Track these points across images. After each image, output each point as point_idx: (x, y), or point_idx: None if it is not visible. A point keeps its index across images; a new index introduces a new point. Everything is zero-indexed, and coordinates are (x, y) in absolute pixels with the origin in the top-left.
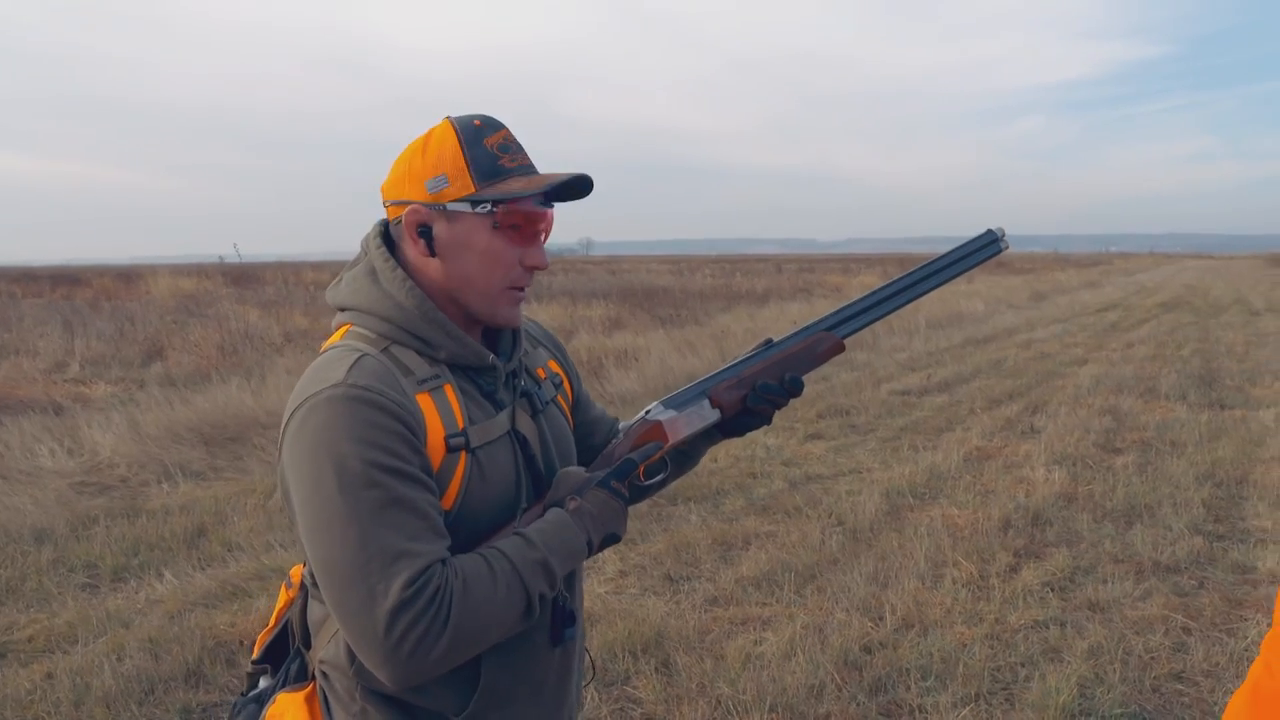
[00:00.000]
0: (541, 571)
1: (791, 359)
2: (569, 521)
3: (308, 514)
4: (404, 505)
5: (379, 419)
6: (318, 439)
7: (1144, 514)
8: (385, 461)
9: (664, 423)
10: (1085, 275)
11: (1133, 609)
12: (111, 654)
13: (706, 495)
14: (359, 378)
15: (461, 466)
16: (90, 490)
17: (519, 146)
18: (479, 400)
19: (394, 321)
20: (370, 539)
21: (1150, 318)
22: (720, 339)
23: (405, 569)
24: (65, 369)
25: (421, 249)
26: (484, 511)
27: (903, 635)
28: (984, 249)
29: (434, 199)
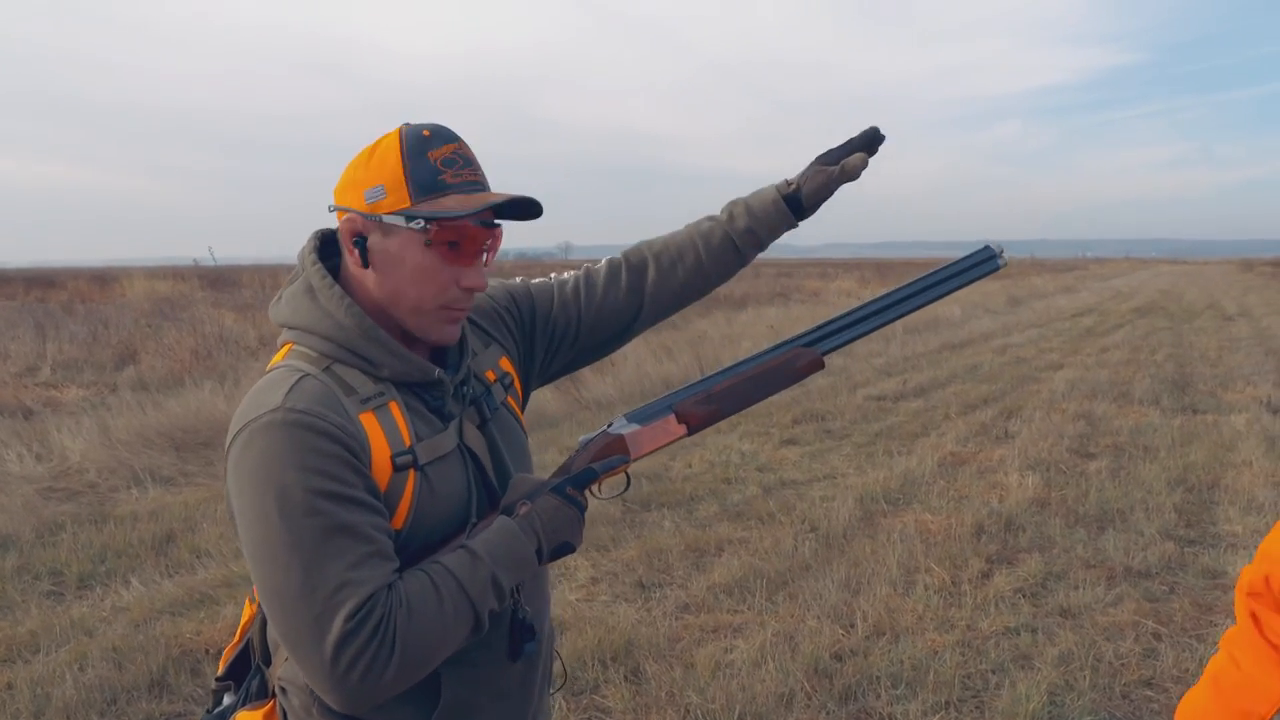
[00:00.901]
0: (489, 587)
1: (766, 374)
2: (516, 530)
3: (251, 542)
4: (347, 532)
5: (319, 444)
6: (258, 467)
7: (1116, 519)
8: (327, 487)
9: (627, 436)
10: (1061, 280)
11: (1104, 615)
12: (74, 663)
13: (680, 501)
14: (298, 401)
15: (410, 485)
16: (58, 496)
17: (468, 161)
18: (426, 416)
19: (335, 340)
20: (313, 569)
21: (1125, 323)
22: (697, 344)
23: (348, 599)
24: (37, 372)
25: (356, 259)
26: (436, 529)
27: (874, 642)
28: (980, 265)
29: (370, 209)
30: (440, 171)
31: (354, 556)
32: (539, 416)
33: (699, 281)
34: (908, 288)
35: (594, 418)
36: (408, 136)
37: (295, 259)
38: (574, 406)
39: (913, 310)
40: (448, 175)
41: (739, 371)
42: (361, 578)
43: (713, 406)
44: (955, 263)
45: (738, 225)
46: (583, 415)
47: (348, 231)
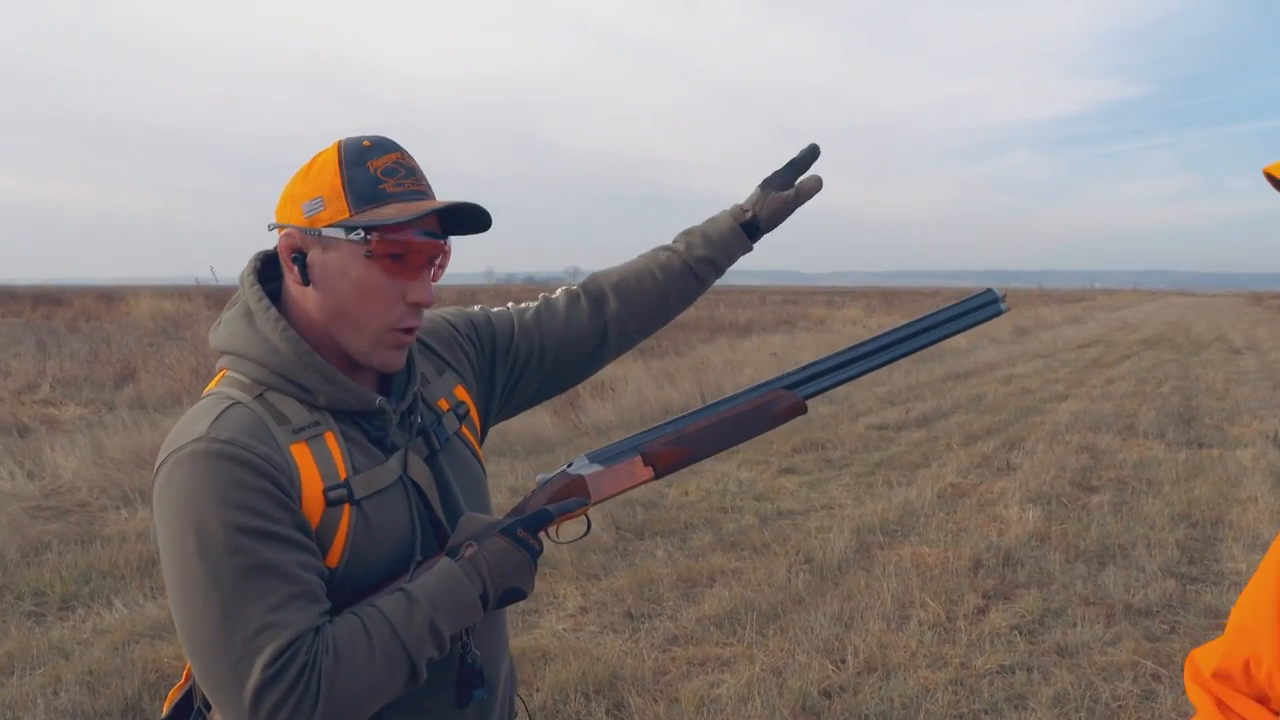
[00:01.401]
0: (427, 634)
1: (742, 417)
2: (459, 573)
3: (171, 580)
4: (269, 571)
5: (241, 476)
6: (178, 500)
7: (1117, 555)
8: (249, 524)
9: (588, 478)
10: (1069, 311)
11: (1102, 654)
12: (47, 687)
13: (674, 530)
14: (222, 430)
15: (345, 521)
16: (46, 514)
17: (410, 171)
18: (366, 447)
19: (269, 366)
20: (232, 610)
21: (1132, 354)
22: (699, 370)
23: (269, 644)
24: (36, 390)
25: (295, 276)
26: (375, 567)
27: (864, 679)
28: (981, 309)
29: (308, 223)
30: (380, 181)
31: (276, 598)
32: (535, 441)
33: (660, 310)
34: (903, 329)
35: (592, 442)
36: (346, 148)
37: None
38: (572, 432)
39: (907, 354)
40: (389, 184)
41: (713, 413)
42: (284, 620)
43: (683, 449)
44: (955, 305)
45: (696, 254)
46: (581, 440)
47: (286, 248)
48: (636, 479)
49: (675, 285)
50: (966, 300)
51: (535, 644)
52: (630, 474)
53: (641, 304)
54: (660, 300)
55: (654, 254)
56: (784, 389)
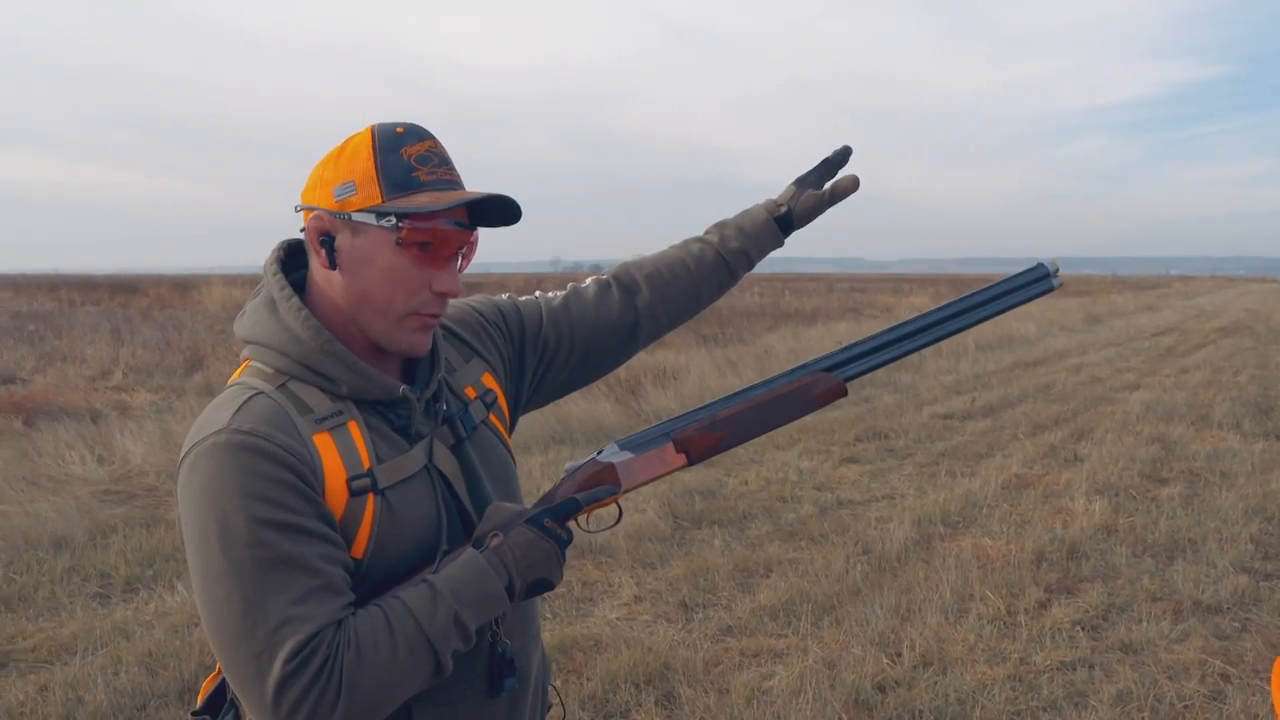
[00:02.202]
0: (451, 627)
1: (779, 401)
2: (484, 565)
3: (194, 572)
4: (291, 564)
5: (264, 468)
6: (200, 492)
7: (1187, 549)
8: (271, 516)
9: (618, 465)
10: (1143, 298)
11: (1168, 652)
12: (108, 667)
13: (732, 519)
14: (244, 421)
15: (369, 511)
16: (114, 499)
17: (443, 160)
18: (390, 436)
19: (292, 355)
20: (254, 604)
21: (1208, 342)
22: (763, 359)
23: (290, 638)
24: (110, 376)
25: (322, 259)
26: (401, 557)
27: (920, 674)
28: (1031, 285)
29: (339, 207)
30: (414, 168)
31: (298, 591)
32: (596, 428)
33: (691, 300)
34: (948, 308)
35: None
36: (379, 133)
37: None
38: (634, 419)
39: (952, 333)
40: (421, 172)
41: (748, 397)
42: (305, 614)
43: (716, 435)
44: (1003, 281)
45: (730, 245)
46: (640, 426)
47: (315, 230)
48: (669, 466)
49: (707, 276)
50: (1016, 276)
51: (588, 633)
52: (662, 461)
53: (674, 294)
54: (692, 290)
55: (686, 245)
56: (823, 371)
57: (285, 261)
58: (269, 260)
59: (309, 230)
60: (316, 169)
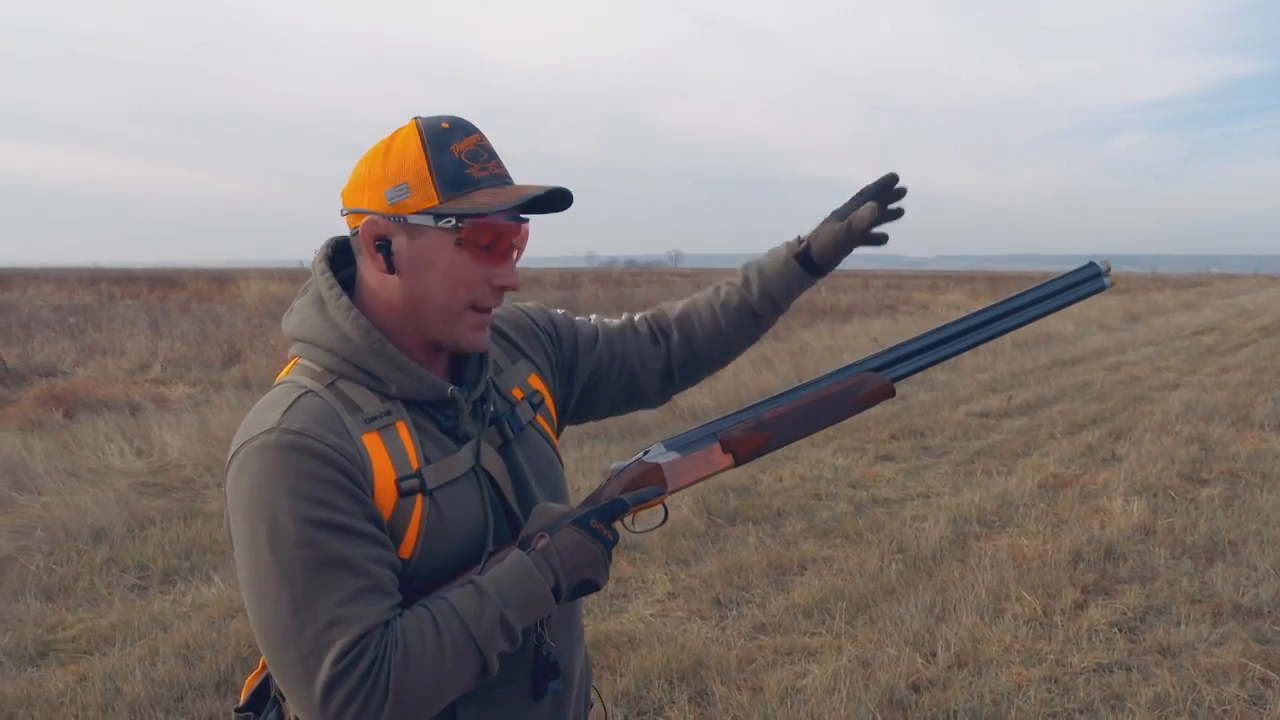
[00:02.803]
0: (498, 628)
1: (826, 401)
2: (530, 566)
3: (242, 572)
4: (340, 565)
5: (314, 468)
6: (250, 492)
7: (1227, 551)
8: (320, 516)
9: (664, 466)
10: (1183, 297)
11: (1206, 655)
12: (146, 659)
13: (767, 516)
14: (294, 420)
15: (418, 512)
16: (152, 490)
17: (491, 153)
18: (438, 436)
19: (341, 354)
20: (302, 605)
21: (1249, 342)
22: (798, 355)
23: (339, 639)
24: (148, 369)
25: (380, 264)
26: (447, 558)
27: (955, 674)
28: (1082, 284)
29: (394, 210)
30: (466, 165)
31: (347, 592)
32: (631, 424)
33: (720, 349)
34: (997, 307)
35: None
36: (427, 130)
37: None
38: (668, 416)
39: (1001, 333)
40: (474, 169)
41: (795, 397)
42: (354, 615)
43: (763, 435)
44: (1055, 280)
45: (752, 292)
46: (676, 425)
47: (370, 235)
48: (715, 467)
49: (734, 324)
50: (1067, 275)
51: (621, 629)
52: (709, 462)
53: (703, 342)
54: (720, 339)
55: (720, 290)
56: (870, 371)
57: (333, 259)
58: (317, 258)
59: (363, 235)
60: (361, 169)
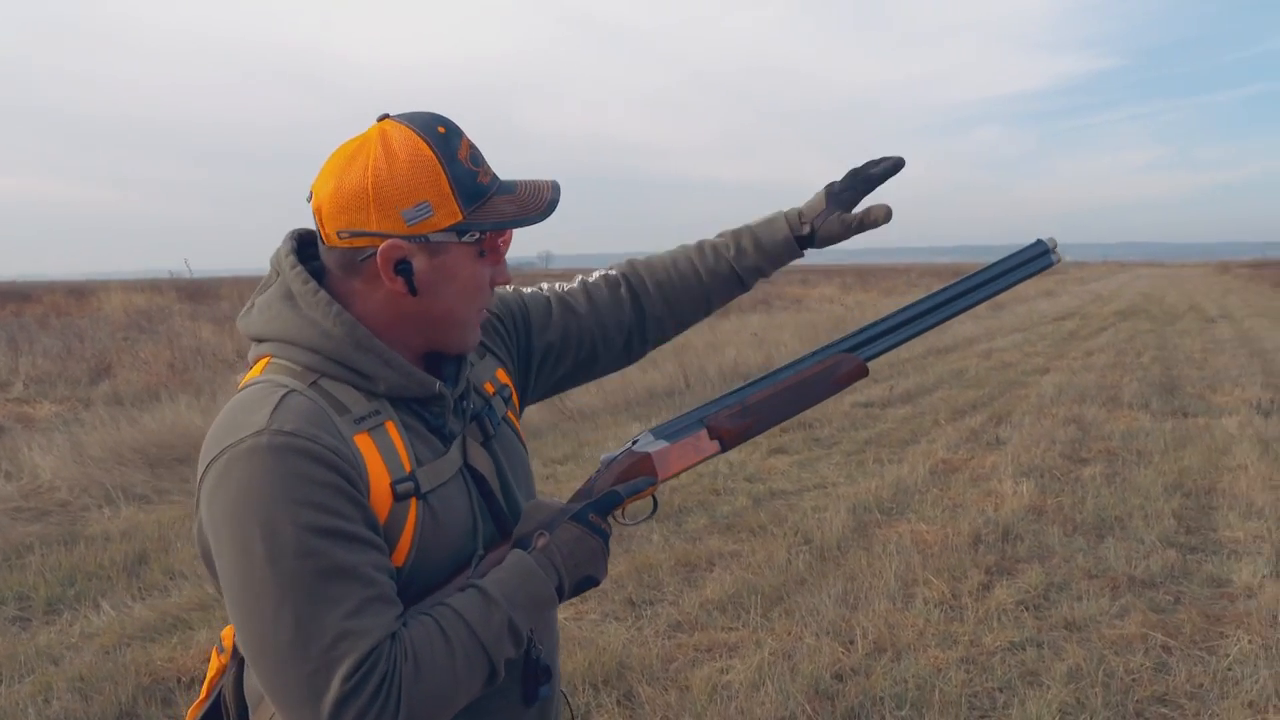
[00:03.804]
0: (505, 632)
1: (805, 384)
2: (533, 566)
3: (234, 587)
4: (345, 574)
5: (311, 471)
6: (241, 499)
7: (1115, 526)
8: (321, 523)
9: (654, 455)
10: (1042, 284)
11: (1110, 627)
12: (38, 695)
13: (668, 514)
14: (285, 421)
15: (413, 516)
16: (26, 516)
17: (480, 152)
18: (425, 436)
19: (322, 351)
20: (306, 619)
21: (1108, 325)
22: (681, 353)
23: (348, 654)
24: (9, 388)
25: (400, 287)
26: (441, 563)
27: (875, 660)
28: (1032, 261)
29: (414, 230)
30: (475, 173)
31: (353, 603)
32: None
33: (701, 309)
34: (956, 286)
35: (577, 428)
36: (430, 137)
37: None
38: (557, 417)
39: (963, 310)
40: (481, 175)
41: (775, 381)
42: (362, 627)
43: (748, 420)
44: (1006, 259)
45: (745, 262)
46: (566, 426)
47: (390, 259)
48: (703, 454)
49: (719, 289)
50: (1017, 253)
51: None
52: (696, 449)
53: (683, 304)
54: (702, 302)
55: (700, 251)
56: (845, 352)
57: (299, 252)
58: (283, 253)
59: (382, 261)
60: (353, 184)
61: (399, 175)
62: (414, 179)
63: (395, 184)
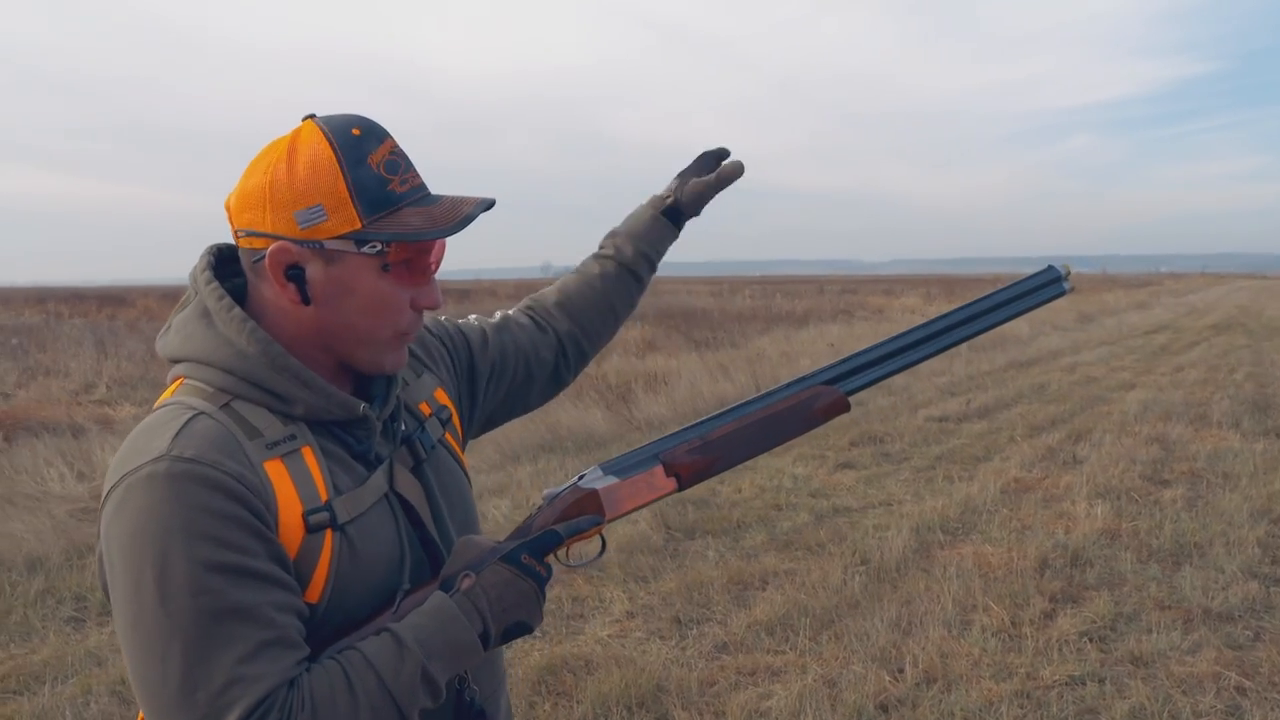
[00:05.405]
0: (419, 683)
1: (776, 418)
2: (454, 611)
3: (124, 622)
4: (241, 615)
5: (211, 501)
6: (134, 531)
7: (1193, 554)
8: (218, 558)
9: (601, 492)
10: (1134, 296)
11: (1180, 664)
12: (78, 697)
13: (727, 529)
14: (186, 446)
15: (327, 549)
16: (93, 516)
17: (408, 161)
18: (347, 462)
19: (235, 372)
20: (195, 662)
21: (1201, 340)
22: (755, 362)
23: (236, 701)
24: (93, 390)
25: (291, 294)
26: (362, 599)
27: (923, 691)
28: (1041, 289)
29: (306, 235)
30: (386, 180)
31: (247, 646)
32: (587, 436)
33: (609, 318)
34: (955, 314)
35: (644, 439)
36: (337, 138)
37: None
38: (624, 427)
39: (960, 341)
40: (395, 184)
41: (743, 414)
42: (255, 673)
43: (709, 456)
44: (1013, 285)
45: (626, 254)
46: (634, 436)
47: (279, 263)
48: (658, 491)
49: (616, 290)
50: (1026, 279)
51: (578, 652)
52: (650, 486)
53: (590, 316)
54: (607, 308)
55: (586, 265)
56: (823, 385)
57: (217, 268)
58: (198, 269)
59: (269, 264)
60: (255, 182)
61: (296, 176)
62: (311, 180)
63: (291, 185)
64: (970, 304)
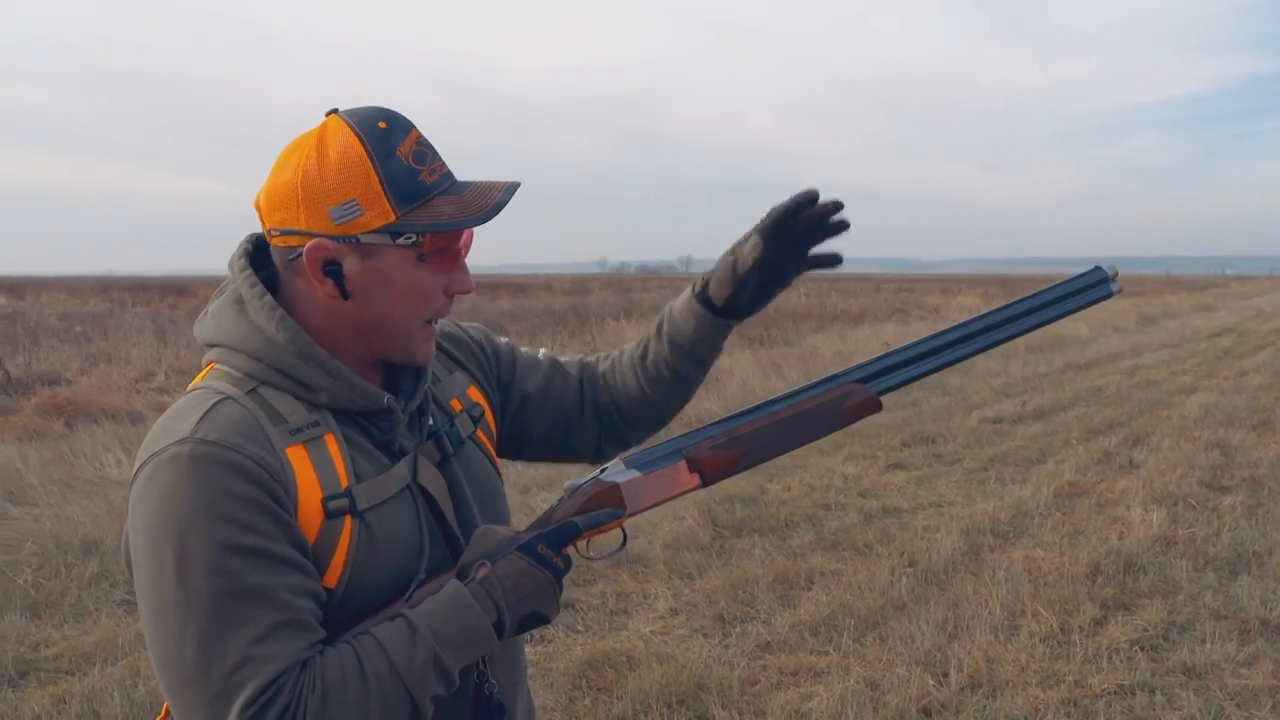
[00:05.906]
0: (430, 669)
1: (804, 416)
2: (468, 599)
3: (144, 600)
4: (256, 596)
5: (231, 484)
6: (156, 511)
7: (1252, 563)
8: (236, 540)
9: (623, 485)
10: (1198, 298)
11: (1235, 676)
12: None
13: (774, 527)
14: (210, 430)
15: (346, 535)
16: None
17: (433, 150)
18: (370, 451)
19: (263, 359)
20: (211, 640)
21: (1267, 344)
22: (808, 360)
23: (249, 680)
24: (152, 378)
25: (330, 289)
26: (380, 586)
27: (968, 697)
28: (1086, 291)
29: (342, 230)
30: (416, 171)
31: (261, 627)
32: None
33: (650, 413)
34: (995, 314)
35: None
36: (365, 132)
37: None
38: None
39: (999, 342)
40: (425, 174)
41: (771, 410)
42: (268, 654)
43: (734, 452)
44: (1057, 286)
45: (664, 342)
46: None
47: (317, 260)
48: (680, 487)
49: (656, 387)
50: (1071, 280)
51: (620, 648)
52: (673, 481)
53: (630, 408)
54: (646, 405)
55: (645, 339)
56: (855, 383)
57: (253, 257)
58: (235, 256)
59: (309, 261)
60: (286, 180)
61: (328, 172)
62: (343, 176)
63: (324, 181)
64: (1011, 304)
